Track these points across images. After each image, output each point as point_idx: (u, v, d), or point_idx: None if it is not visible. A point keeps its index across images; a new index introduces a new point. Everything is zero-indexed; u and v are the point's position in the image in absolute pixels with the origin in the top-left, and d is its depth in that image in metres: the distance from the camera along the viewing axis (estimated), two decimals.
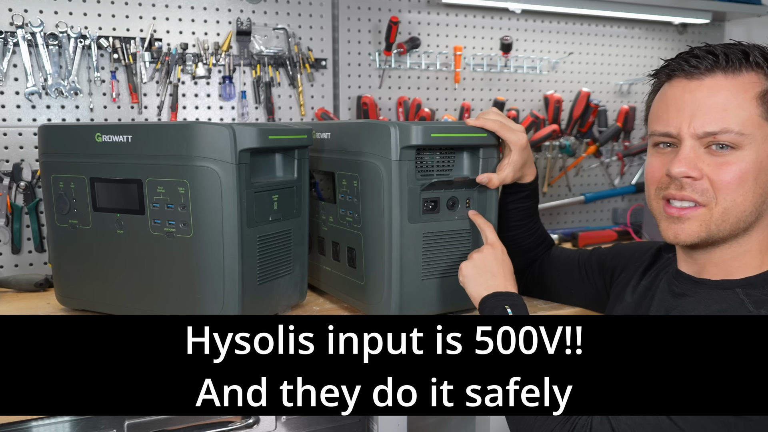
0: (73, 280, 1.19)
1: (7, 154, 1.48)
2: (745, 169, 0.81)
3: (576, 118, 2.04)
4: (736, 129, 0.80)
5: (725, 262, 0.86)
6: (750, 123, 0.80)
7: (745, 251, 0.85)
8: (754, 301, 0.79)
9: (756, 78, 0.81)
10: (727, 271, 0.86)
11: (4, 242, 1.49)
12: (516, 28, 1.99)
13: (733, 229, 0.83)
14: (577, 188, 2.14)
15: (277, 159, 1.18)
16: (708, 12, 2.05)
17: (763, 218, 0.84)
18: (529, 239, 1.25)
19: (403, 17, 1.85)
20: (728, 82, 0.81)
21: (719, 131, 0.81)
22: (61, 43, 1.48)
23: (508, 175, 1.15)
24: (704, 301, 0.84)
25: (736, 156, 0.81)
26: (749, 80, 0.81)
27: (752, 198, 0.82)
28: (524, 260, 1.26)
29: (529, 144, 1.17)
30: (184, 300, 1.08)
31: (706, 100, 0.82)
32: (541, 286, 1.27)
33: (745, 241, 0.85)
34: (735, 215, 0.82)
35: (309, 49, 1.74)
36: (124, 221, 1.12)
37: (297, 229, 1.20)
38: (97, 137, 1.11)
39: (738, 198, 0.81)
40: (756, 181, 0.81)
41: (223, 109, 1.67)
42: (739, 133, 0.80)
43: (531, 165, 1.20)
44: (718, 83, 0.82)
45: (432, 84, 1.91)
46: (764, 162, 0.81)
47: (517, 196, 1.22)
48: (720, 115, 0.81)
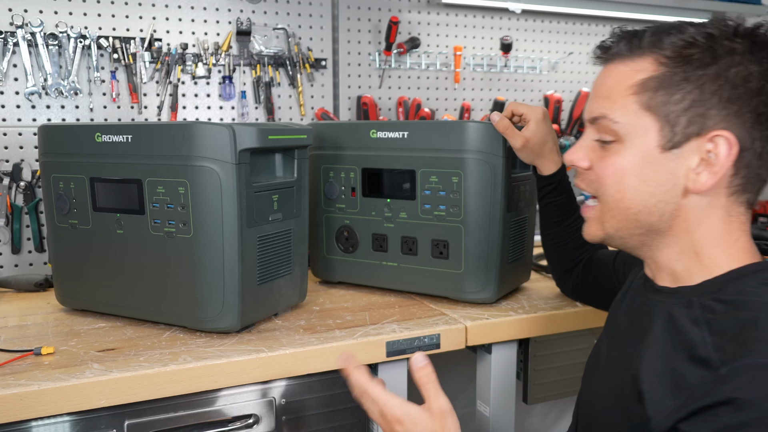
0: (73, 280, 1.19)
1: (7, 154, 1.48)
2: (622, 164, 0.75)
3: (576, 118, 2.04)
4: (611, 116, 0.75)
5: (665, 264, 0.79)
6: (624, 111, 0.74)
7: (679, 253, 0.77)
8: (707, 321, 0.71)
9: (648, 63, 0.73)
10: (675, 277, 0.78)
11: (4, 242, 1.49)
12: (516, 28, 2.00)
13: (631, 228, 0.77)
14: (576, 188, 2.13)
15: (277, 159, 1.18)
16: (708, 12, 2.06)
17: (682, 217, 0.75)
18: (569, 238, 1.19)
19: (403, 17, 1.85)
20: (622, 67, 0.75)
21: (598, 117, 0.76)
22: (61, 43, 1.48)
23: (519, 137, 1.16)
24: (661, 314, 0.77)
25: (616, 149, 0.75)
26: (640, 66, 0.74)
27: (636, 196, 0.75)
28: (568, 261, 1.21)
29: (548, 117, 1.17)
30: (184, 300, 1.08)
31: (598, 87, 0.78)
32: (584, 290, 1.20)
33: (672, 242, 0.77)
34: (621, 212, 0.76)
35: (309, 49, 1.74)
36: (124, 221, 1.12)
37: (297, 229, 1.20)
38: (97, 137, 1.11)
39: (616, 195, 0.76)
40: (639, 178, 0.74)
41: (223, 109, 1.67)
42: (613, 121, 0.74)
43: (552, 152, 1.17)
44: (613, 68, 0.76)
45: (432, 84, 1.91)
46: (650, 157, 0.73)
47: (544, 191, 1.20)
48: (603, 101, 0.76)
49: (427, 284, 1.29)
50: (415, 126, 1.26)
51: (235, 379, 1.00)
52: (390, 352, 1.10)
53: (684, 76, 0.72)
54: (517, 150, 1.18)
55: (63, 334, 1.10)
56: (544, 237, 1.24)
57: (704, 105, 0.71)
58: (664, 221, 0.75)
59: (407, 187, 1.27)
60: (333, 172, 1.35)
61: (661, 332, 0.75)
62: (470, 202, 1.21)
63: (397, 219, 1.29)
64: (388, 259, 1.32)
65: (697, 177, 0.72)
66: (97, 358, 0.99)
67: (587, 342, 1.33)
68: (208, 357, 0.99)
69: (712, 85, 0.71)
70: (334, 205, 1.36)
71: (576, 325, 1.25)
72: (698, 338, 0.69)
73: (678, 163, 0.73)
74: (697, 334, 0.70)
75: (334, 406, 1.12)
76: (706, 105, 0.71)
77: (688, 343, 0.70)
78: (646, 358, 0.74)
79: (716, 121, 0.71)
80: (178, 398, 0.99)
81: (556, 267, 1.25)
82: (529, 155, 1.18)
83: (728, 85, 0.71)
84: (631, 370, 0.75)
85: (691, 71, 0.71)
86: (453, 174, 1.22)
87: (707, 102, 0.71)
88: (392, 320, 1.18)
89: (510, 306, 1.27)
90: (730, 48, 0.72)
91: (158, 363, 0.97)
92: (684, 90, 0.71)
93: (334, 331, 1.11)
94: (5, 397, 0.87)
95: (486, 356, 1.25)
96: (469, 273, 1.24)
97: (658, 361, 0.73)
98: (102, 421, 0.96)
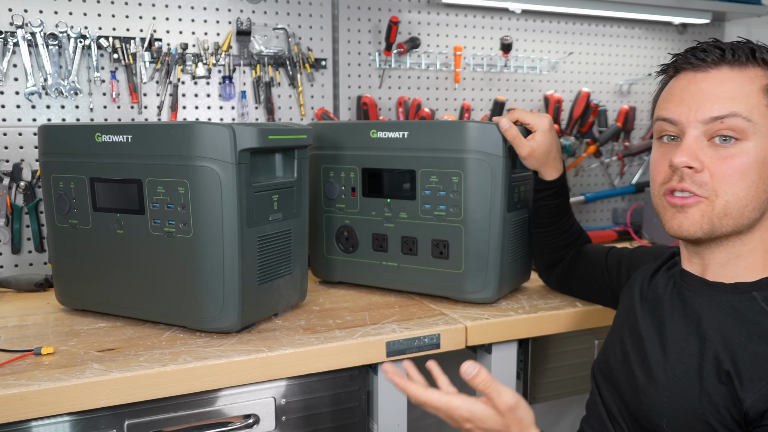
0: (73, 280, 1.19)
1: (7, 154, 1.48)
2: (748, 162, 0.80)
3: (576, 118, 2.04)
4: (744, 114, 0.80)
5: (730, 261, 0.85)
6: (757, 111, 0.80)
7: (750, 250, 0.84)
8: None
9: (762, 72, 0.82)
10: (734, 273, 0.85)
11: (4, 242, 1.49)
12: (516, 28, 1.99)
13: (737, 225, 0.82)
14: (577, 188, 2.14)
15: (277, 159, 1.18)
16: (708, 12, 2.05)
17: (766, 216, 0.84)
18: (561, 236, 1.25)
19: (403, 17, 1.85)
20: (734, 74, 0.82)
21: (728, 114, 0.80)
22: (61, 43, 1.48)
23: (526, 146, 1.18)
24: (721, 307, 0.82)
25: (739, 148, 0.80)
26: (755, 74, 0.82)
27: (755, 193, 0.81)
28: (556, 257, 1.28)
29: (553, 127, 1.20)
30: (184, 300, 1.08)
31: (713, 90, 0.82)
32: (569, 282, 1.27)
33: (749, 240, 0.84)
34: (737, 209, 0.81)
35: (309, 49, 1.74)
36: (124, 221, 1.12)
37: (297, 229, 1.20)
38: (97, 137, 1.11)
39: (740, 192, 0.80)
40: (759, 176, 0.80)
41: (223, 109, 1.67)
42: (746, 119, 0.79)
43: (556, 159, 1.21)
44: (724, 75, 0.82)
45: (432, 84, 1.91)
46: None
47: (543, 193, 1.23)
48: (728, 102, 0.81)
49: (427, 284, 1.29)
50: (415, 126, 1.26)
51: (235, 379, 1.00)
52: (390, 352, 1.10)
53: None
54: (522, 158, 1.21)
55: (63, 334, 1.10)
56: (534, 234, 1.29)
57: None
58: (758, 217, 0.83)
59: (407, 187, 1.27)
60: (333, 172, 1.35)
61: (728, 323, 0.80)
62: (470, 202, 1.22)
63: (397, 219, 1.29)
64: (388, 259, 1.32)
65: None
66: (97, 358, 0.99)
67: (587, 342, 1.33)
68: (208, 357, 0.99)
69: None
70: (334, 205, 1.36)
71: (576, 325, 1.25)
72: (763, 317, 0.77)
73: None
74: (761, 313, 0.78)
75: (334, 406, 1.12)
76: None
77: (763, 332, 0.77)
78: (721, 345, 0.79)
79: None
80: (178, 398, 0.99)
81: (543, 261, 1.31)
82: (534, 163, 1.21)
83: None
84: (707, 356, 0.80)
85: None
86: (453, 174, 1.22)
87: None
88: (392, 320, 1.18)
89: (510, 306, 1.27)
90: None
91: (158, 363, 0.97)
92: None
93: (334, 331, 1.11)
94: (5, 397, 0.87)
95: (486, 356, 1.25)
96: (469, 273, 1.24)
97: (735, 346, 0.78)
98: (102, 421, 0.96)
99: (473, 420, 0.81)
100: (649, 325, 0.91)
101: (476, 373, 0.80)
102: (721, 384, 0.78)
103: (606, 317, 1.25)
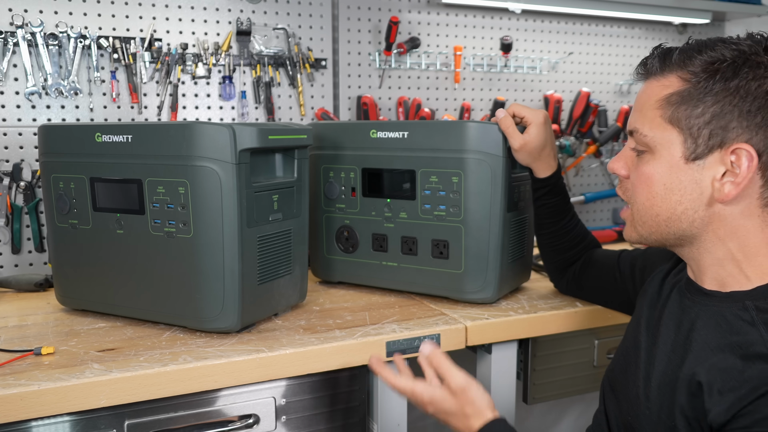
0: (73, 280, 1.19)
1: (7, 154, 1.48)
2: (649, 173, 0.81)
3: (576, 118, 2.04)
4: (641, 129, 0.82)
5: (709, 268, 0.82)
6: (652, 125, 0.80)
7: (722, 258, 0.80)
8: (763, 321, 0.74)
9: (675, 79, 0.79)
10: (722, 282, 0.81)
11: (4, 242, 1.49)
12: (516, 28, 1.99)
13: (664, 234, 0.82)
14: (577, 188, 2.14)
15: (277, 159, 1.18)
16: (708, 12, 2.05)
17: (715, 225, 0.79)
18: (564, 238, 1.24)
19: (403, 17, 1.85)
20: (654, 83, 0.82)
21: (632, 129, 0.84)
22: (61, 43, 1.48)
23: (518, 138, 1.18)
24: (714, 316, 0.80)
25: (647, 159, 0.82)
26: (669, 82, 0.80)
27: (664, 203, 0.80)
28: (563, 260, 1.26)
29: (549, 122, 1.20)
30: (183, 300, 1.08)
31: (636, 100, 0.85)
32: (580, 287, 1.25)
33: (711, 248, 0.81)
34: (649, 217, 0.83)
35: (309, 49, 1.74)
36: (124, 221, 1.12)
37: (297, 229, 1.20)
38: (97, 137, 1.11)
39: (645, 201, 0.83)
40: (666, 186, 0.80)
41: (223, 109, 1.67)
42: (642, 134, 0.81)
43: (549, 156, 1.21)
44: (648, 85, 0.83)
45: (432, 84, 1.91)
46: (675, 167, 0.79)
47: (539, 192, 1.23)
48: (636, 116, 0.83)
49: (427, 284, 1.29)
50: (415, 126, 1.26)
51: (235, 379, 1.00)
52: (390, 352, 1.10)
53: (705, 91, 0.76)
54: (514, 150, 1.19)
55: (63, 334, 1.10)
56: (539, 236, 1.28)
57: (725, 118, 0.75)
58: (696, 228, 0.80)
59: (407, 187, 1.27)
60: (333, 172, 1.35)
61: (714, 333, 0.78)
62: (470, 202, 1.22)
63: (397, 219, 1.29)
64: (388, 259, 1.32)
65: (722, 187, 0.77)
66: (97, 358, 0.99)
67: (587, 342, 1.33)
68: (208, 357, 0.99)
69: (734, 98, 0.75)
70: (334, 205, 1.36)
71: (576, 325, 1.25)
72: (756, 337, 0.73)
73: (702, 174, 0.78)
74: (755, 333, 0.73)
75: (334, 406, 1.12)
76: (727, 118, 0.75)
77: (745, 343, 0.74)
78: (701, 357, 0.77)
79: (738, 133, 0.75)
80: (178, 398, 0.99)
81: (551, 265, 1.30)
82: (525, 158, 1.20)
83: (749, 98, 0.74)
84: (685, 368, 0.78)
85: (713, 86, 0.76)
86: (453, 174, 1.22)
87: (728, 115, 0.75)
88: (392, 320, 1.18)
89: (510, 306, 1.27)
90: (755, 62, 0.75)
91: (158, 363, 0.97)
92: (705, 104, 0.76)
93: (334, 331, 1.11)
94: (5, 397, 0.87)
95: (486, 356, 1.25)
96: (469, 273, 1.24)
97: (714, 358, 0.76)
98: (102, 421, 0.96)
99: (434, 403, 0.90)
100: (648, 334, 0.89)
101: (431, 351, 0.91)
102: (692, 395, 0.75)
103: (606, 317, 1.25)
